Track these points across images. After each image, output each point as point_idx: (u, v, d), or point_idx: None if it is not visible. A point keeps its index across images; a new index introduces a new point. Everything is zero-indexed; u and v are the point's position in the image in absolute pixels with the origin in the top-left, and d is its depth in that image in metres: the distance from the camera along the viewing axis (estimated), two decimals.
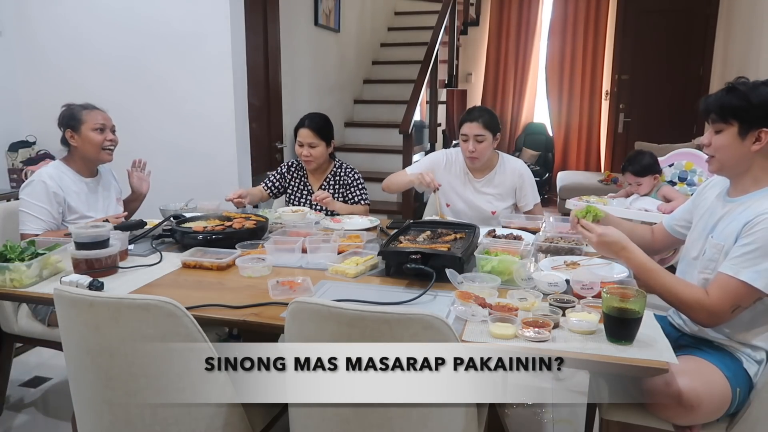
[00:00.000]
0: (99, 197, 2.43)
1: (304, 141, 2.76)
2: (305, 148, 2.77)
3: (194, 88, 3.26)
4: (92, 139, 2.32)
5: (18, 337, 2.29)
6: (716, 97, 1.55)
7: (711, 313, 1.47)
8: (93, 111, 2.36)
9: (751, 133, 1.50)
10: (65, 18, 3.33)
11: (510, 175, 2.71)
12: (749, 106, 1.48)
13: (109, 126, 2.38)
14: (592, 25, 6.86)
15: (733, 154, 1.54)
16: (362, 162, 5.14)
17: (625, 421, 1.54)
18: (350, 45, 5.69)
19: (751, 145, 1.51)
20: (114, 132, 2.41)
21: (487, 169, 2.72)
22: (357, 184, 2.86)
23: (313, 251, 1.93)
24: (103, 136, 2.35)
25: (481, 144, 2.60)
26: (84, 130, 2.31)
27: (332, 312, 1.22)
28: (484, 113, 2.62)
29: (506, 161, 2.75)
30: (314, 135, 2.75)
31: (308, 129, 2.76)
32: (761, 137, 1.49)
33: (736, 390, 1.48)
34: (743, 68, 4.99)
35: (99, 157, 2.38)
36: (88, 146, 2.33)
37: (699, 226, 1.71)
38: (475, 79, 7.52)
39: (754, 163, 1.54)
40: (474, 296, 1.47)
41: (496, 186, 2.72)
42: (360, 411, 1.28)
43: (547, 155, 7.00)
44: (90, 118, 2.33)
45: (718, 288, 1.46)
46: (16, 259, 1.70)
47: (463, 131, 2.62)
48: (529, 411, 2.41)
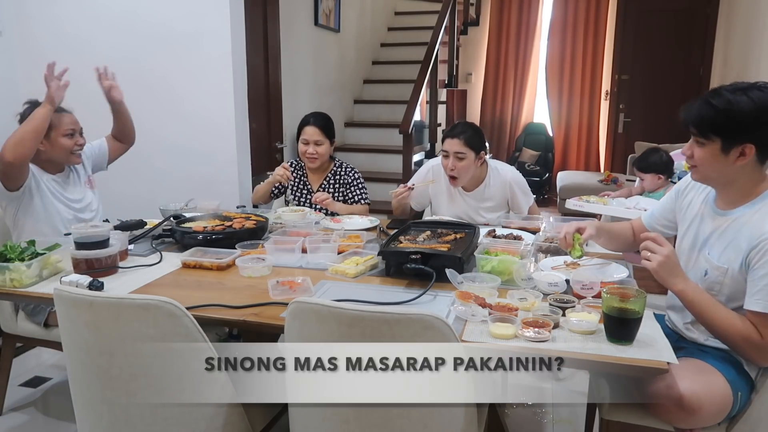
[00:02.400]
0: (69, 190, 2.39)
1: (310, 138, 2.76)
2: (311, 145, 2.77)
3: (194, 88, 3.25)
4: (63, 144, 2.28)
5: (18, 337, 2.29)
6: (696, 109, 1.48)
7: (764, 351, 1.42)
8: (63, 115, 2.30)
9: (735, 149, 1.43)
10: (65, 18, 3.33)
11: (500, 188, 2.63)
12: (730, 122, 1.41)
13: (78, 130, 2.34)
14: (592, 25, 6.86)
15: (717, 169, 1.48)
16: (362, 162, 5.13)
17: (626, 422, 1.54)
18: (350, 45, 5.69)
19: (735, 160, 1.44)
20: (82, 134, 2.37)
21: (477, 183, 2.63)
22: (357, 184, 2.86)
23: (313, 251, 1.93)
24: (74, 140, 2.31)
25: (462, 162, 2.47)
26: (54, 136, 2.26)
27: (332, 312, 1.22)
28: (468, 129, 2.50)
29: (495, 174, 2.63)
30: (320, 132, 2.76)
31: (314, 126, 2.76)
32: (745, 152, 1.43)
33: (738, 394, 1.47)
34: (743, 68, 4.99)
35: (68, 161, 2.36)
36: (58, 151, 2.29)
37: (689, 237, 1.65)
38: (475, 79, 7.52)
39: (738, 174, 1.48)
40: (474, 296, 1.47)
41: (487, 200, 2.64)
42: (360, 411, 1.28)
43: (547, 155, 7.00)
44: (61, 123, 2.27)
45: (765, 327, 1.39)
46: (16, 259, 1.70)
47: (444, 147, 2.51)
48: (529, 411, 2.41)
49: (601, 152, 7.07)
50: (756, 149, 1.43)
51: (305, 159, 2.83)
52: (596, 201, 2.89)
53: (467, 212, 2.66)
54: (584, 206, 2.84)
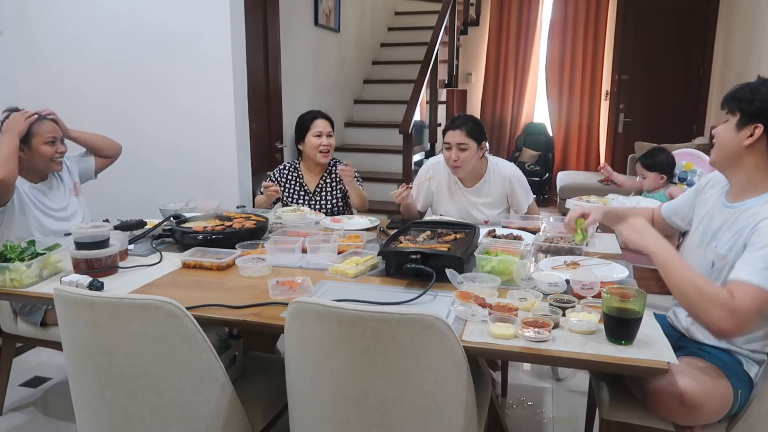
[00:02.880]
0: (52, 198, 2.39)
1: (324, 130, 2.84)
2: (323, 137, 2.83)
3: (194, 89, 3.25)
4: (44, 152, 2.28)
5: (18, 337, 2.29)
6: (734, 88, 1.56)
7: (734, 315, 1.34)
8: (43, 123, 2.30)
9: (748, 127, 1.50)
10: (65, 18, 3.33)
11: (500, 183, 2.65)
12: (753, 98, 1.50)
13: (59, 137, 2.34)
14: (592, 25, 6.86)
15: (727, 143, 1.55)
16: (362, 162, 5.13)
17: (626, 421, 1.54)
18: (350, 45, 5.69)
19: (744, 139, 1.51)
20: (63, 141, 2.37)
21: (476, 178, 2.66)
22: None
23: (313, 251, 1.93)
24: (54, 148, 2.31)
25: (464, 153, 2.52)
26: (35, 144, 2.27)
27: (332, 312, 1.22)
28: (468, 121, 2.56)
29: (495, 168, 2.67)
30: (330, 125, 2.86)
31: (324, 120, 2.86)
32: (755, 132, 1.49)
33: (738, 391, 1.48)
34: (743, 68, 4.99)
35: (49, 168, 2.35)
36: (39, 159, 2.29)
37: (699, 231, 1.68)
38: (475, 79, 7.52)
39: (746, 160, 1.53)
40: (474, 296, 1.47)
41: (486, 195, 2.66)
42: (360, 411, 1.28)
43: (547, 155, 7.00)
44: (41, 132, 2.27)
45: (743, 293, 1.36)
46: (16, 259, 1.70)
47: (446, 139, 2.56)
48: (529, 411, 2.41)
49: (601, 152, 7.07)
50: (765, 132, 1.48)
51: (317, 152, 2.84)
52: (596, 201, 2.90)
53: (467, 208, 2.68)
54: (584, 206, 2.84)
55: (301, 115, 2.93)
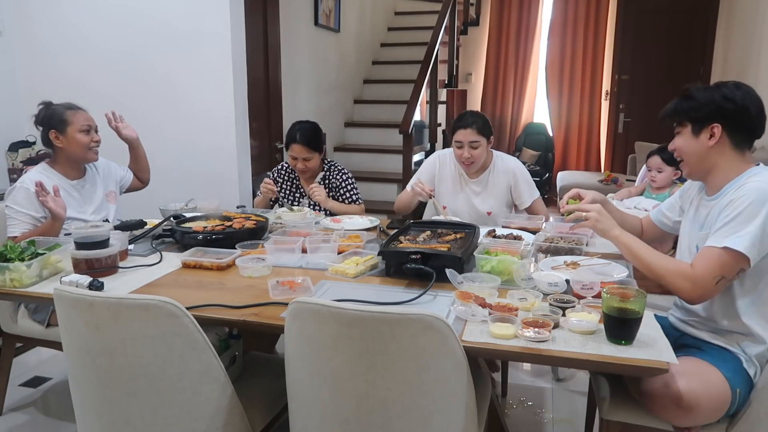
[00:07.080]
0: (86, 198, 2.41)
1: (299, 156, 2.74)
2: (299, 161, 2.76)
3: (194, 88, 3.26)
4: (80, 140, 2.31)
5: (18, 337, 2.29)
6: (672, 104, 1.66)
7: (695, 283, 1.47)
8: (78, 112, 2.34)
9: (705, 130, 1.57)
10: (66, 17, 3.33)
11: (503, 175, 2.70)
12: (697, 105, 1.58)
13: (93, 126, 2.37)
14: (592, 25, 6.86)
15: (692, 152, 1.61)
16: (362, 162, 5.14)
17: (625, 421, 1.55)
18: (350, 45, 5.69)
19: (707, 141, 1.57)
20: (97, 131, 2.40)
21: (481, 170, 2.71)
22: (347, 186, 2.85)
23: (313, 251, 1.93)
24: (90, 137, 2.34)
25: (476, 150, 2.58)
26: (71, 132, 2.29)
27: (332, 312, 1.22)
28: (477, 118, 2.61)
29: (500, 161, 2.73)
30: (307, 150, 2.72)
31: (300, 145, 2.71)
32: (714, 132, 1.56)
33: (736, 391, 1.48)
34: (743, 68, 5.00)
35: (86, 158, 2.37)
36: (75, 147, 2.31)
37: (685, 229, 1.74)
38: (475, 79, 7.52)
39: (717, 158, 1.58)
40: (474, 296, 1.47)
41: (490, 186, 2.71)
42: (360, 411, 1.28)
43: (547, 155, 7.00)
44: (76, 120, 2.30)
45: (702, 259, 1.49)
46: (16, 259, 1.70)
47: (457, 138, 2.60)
48: (529, 411, 2.41)
49: (602, 152, 7.07)
50: (724, 129, 1.55)
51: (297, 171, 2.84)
52: None
53: (470, 199, 2.71)
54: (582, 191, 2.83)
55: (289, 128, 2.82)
